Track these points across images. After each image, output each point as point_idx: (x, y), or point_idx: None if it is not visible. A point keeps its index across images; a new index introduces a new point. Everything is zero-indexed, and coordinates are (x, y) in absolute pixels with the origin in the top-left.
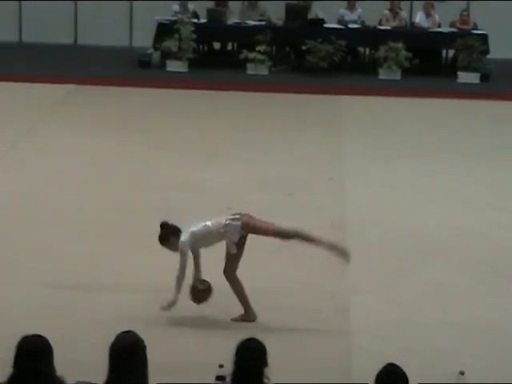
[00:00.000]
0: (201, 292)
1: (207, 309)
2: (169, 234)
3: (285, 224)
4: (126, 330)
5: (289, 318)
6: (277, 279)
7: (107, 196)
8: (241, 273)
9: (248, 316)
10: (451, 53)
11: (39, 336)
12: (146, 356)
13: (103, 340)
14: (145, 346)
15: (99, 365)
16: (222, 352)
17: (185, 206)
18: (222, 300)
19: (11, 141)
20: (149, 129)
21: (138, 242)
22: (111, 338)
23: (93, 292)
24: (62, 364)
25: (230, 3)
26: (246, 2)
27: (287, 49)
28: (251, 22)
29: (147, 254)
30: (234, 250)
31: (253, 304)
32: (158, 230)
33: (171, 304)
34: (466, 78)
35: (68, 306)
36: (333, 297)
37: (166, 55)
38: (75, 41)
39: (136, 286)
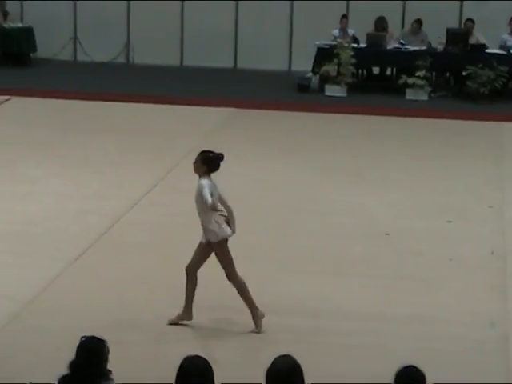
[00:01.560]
0: None
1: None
2: (204, 161)
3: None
4: (283, 354)
5: (448, 346)
6: (434, 307)
7: (265, 218)
8: (400, 300)
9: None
10: None
11: (200, 357)
12: (303, 380)
13: (264, 363)
14: (302, 370)
15: None
16: None
17: (344, 230)
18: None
19: (171, 163)
20: (307, 153)
21: (293, 265)
22: (267, 363)
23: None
24: None
25: (390, 27)
26: (407, 27)
27: (447, 74)
28: (411, 47)
29: (306, 278)
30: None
31: (407, 331)
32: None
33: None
34: None
35: (224, 327)
36: (493, 326)
37: (325, 79)
38: (235, 65)
39: (291, 310)
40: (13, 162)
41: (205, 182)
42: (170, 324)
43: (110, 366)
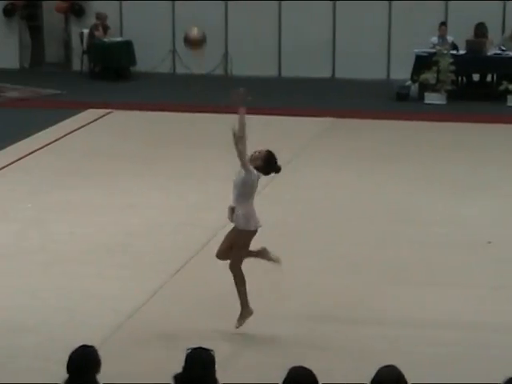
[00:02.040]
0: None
1: None
2: (264, 160)
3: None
4: (388, 364)
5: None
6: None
7: (363, 229)
8: (503, 309)
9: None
10: None
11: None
12: None
13: (366, 374)
14: (406, 381)
15: None
16: None
17: (443, 240)
18: None
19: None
20: (407, 162)
21: (395, 276)
22: (372, 373)
23: (354, 326)
24: None
25: (490, 34)
26: (507, 33)
27: None
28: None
29: (406, 289)
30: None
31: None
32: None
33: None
34: None
35: (331, 339)
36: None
37: (424, 87)
38: (333, 74)
39: (395, 321)
40: (114, 175)
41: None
42: (238, 327)
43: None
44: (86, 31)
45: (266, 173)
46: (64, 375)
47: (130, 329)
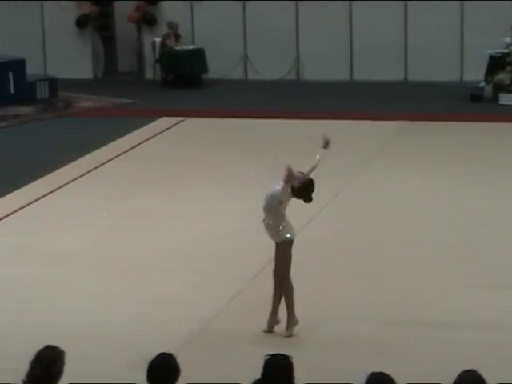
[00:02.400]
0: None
1: None
2: (300, 187)
3: None
4: (468, 368)
5: None
6: None
7: (439, 232)
8: None
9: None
10: None
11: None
12: None
13: (447, 378)
14: None
15: None
16: None
17: None
18: None
19: (344, 178)
20: (481, 165)
21: (488, 278)
22: (452, 377)
23: (433, 329)
24: None
25: None
26: None
27: None
28: None
29: (482, 291)
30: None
31: None
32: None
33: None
34: None
35: (409, 343)
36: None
37: (499, 88)
38: (405, 77)
39: (475, 324)
40: (187, 182)
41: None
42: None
43: None
44: (158, 40)
45: (297, 196)
46: (143, 382)
47: (207, 335)
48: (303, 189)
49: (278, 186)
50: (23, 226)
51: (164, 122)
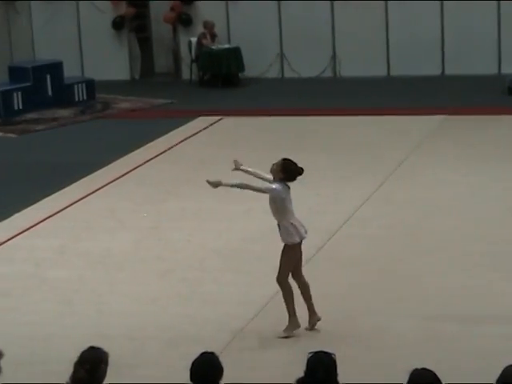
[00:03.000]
0: None
1: None
2: (283, 170)
3: None
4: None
5: None
6: None
7: (483, 228)
8: None
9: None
10: None
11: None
12: None
13: (492, 373)
14: None
15: None
16: None
17: None
18: None
19: (383, 175)
20: None
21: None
22: (497, 373)
23: (473, 324)
24: None
25: None
26: None
27: None
28: None
29: None
30: None
31: None
32: None
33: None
34: None
35: (449, 338)
36: None
37: None
38: (442, 71)
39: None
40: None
41: (276, 184)
42: (282, 337)
43: None
44: (194, 40)
45: (292, 179)
46: (187, 382)
47: (249, 334)
48: (287, 171)
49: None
50: (63, 228)
51: (201, 121)
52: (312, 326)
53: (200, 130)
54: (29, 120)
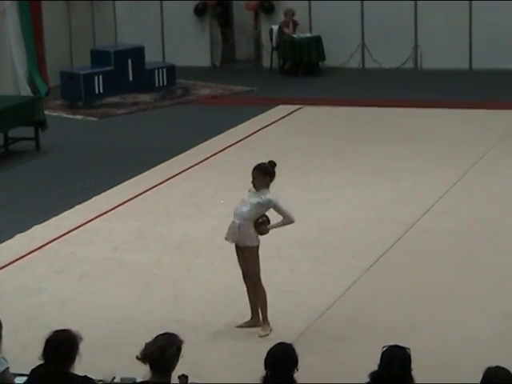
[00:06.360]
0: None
1: None
2: (265, 173)
3: None
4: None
5: None
6: None
7: None
8: None
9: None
10: None
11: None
12: None
13: None
14: None
15: None
16: None
17: None
18: None
19: (463, 168)
20: None
21: None
22: None
23: None
24: None
25: None
26: None
27: None
28: None
29: None
30: None
31: None
32: None
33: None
34: None
35: None
36: None
37: None
38: None
39: None
40: (306, 170)
41: (274, 197)
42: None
43: None
44: (275, 28)
45: (274, 176)
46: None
47: (325, 324)
48: (270, 172)
49: (263, 198)
50: (142, 212)
51: (281, 109)
52: (246, 326)
53: (280, 118)
54: (109, 104)
